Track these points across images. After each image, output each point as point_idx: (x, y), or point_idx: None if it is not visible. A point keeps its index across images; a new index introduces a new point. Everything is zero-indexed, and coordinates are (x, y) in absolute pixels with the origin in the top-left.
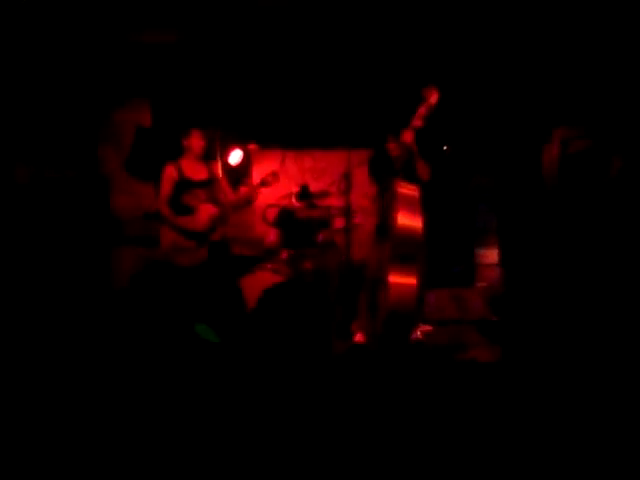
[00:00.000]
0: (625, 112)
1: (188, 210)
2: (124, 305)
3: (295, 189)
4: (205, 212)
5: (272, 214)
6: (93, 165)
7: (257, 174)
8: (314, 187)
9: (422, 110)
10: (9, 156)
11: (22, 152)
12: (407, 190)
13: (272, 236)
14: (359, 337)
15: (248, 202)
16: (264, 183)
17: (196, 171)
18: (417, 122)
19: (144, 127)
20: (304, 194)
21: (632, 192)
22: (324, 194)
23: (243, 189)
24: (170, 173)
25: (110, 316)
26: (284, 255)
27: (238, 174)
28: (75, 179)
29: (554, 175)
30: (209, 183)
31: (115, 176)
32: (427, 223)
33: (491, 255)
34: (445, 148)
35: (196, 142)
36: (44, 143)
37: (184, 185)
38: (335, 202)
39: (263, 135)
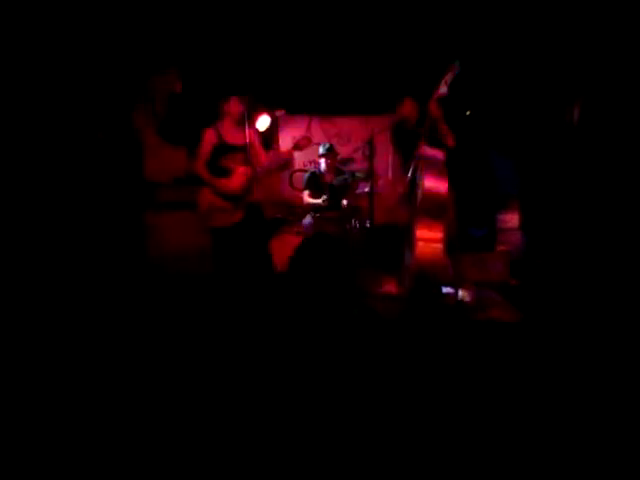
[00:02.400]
0: None
1: (225, 172)
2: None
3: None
4: (241, 174)
5: (299, 179)
6: (128, 131)
7: (284, 139)
8: (340, 153)
9: (447, 78)
10: (48, 122)
11: (59, 118)
12: (432, 153)
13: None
14: (391, 287)
15: (285, 166)
16: (297, 147)
17: (234, 135)
18: (442, 90)
19: (176, 94)
20: (330, 151)
21: None
22: (349, 160)
23: (274, 153)
24: (210, 136)
25: (148, 283)
26: (310, 218)
27: (266, 139)
28: (108, 143)
29: (575, 140)
30: (245, 147)
31: (148, 142)
32: (450, 187)
33: (512, 220)
34: (468, 113)
35: (235, 108)
36: (79, 111)
37: (222, 149)
38: (359, 167)
39: (290, 102)
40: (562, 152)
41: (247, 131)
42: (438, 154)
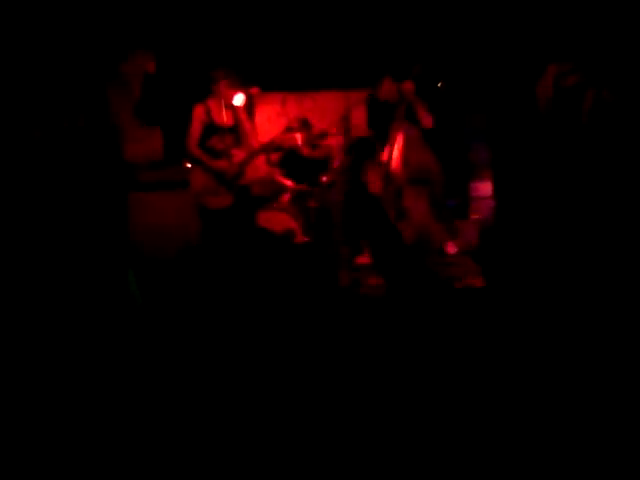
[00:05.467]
0: (617, 46)
1: (215, 154)
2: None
3: (294, 125)
4: (236, 157)
5: (276, 156)
6: (104, 115)
7: (260, 117)
8: (315, 128)
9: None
10: (23, 112)
11: (35, 109)
12: (409, 130)
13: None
14: (364, 259)
15: (279, 148)
16: (290, 129)
17: (222, 116)
18: (417, 70)
19: (150, 74)
20: (305, 125)
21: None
22: (325, 134)
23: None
24: (199, 114)
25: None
26: (288, 195)
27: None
28: (86, 129)
29: (548, 109)
30: (235, 128)
31: (125, 124)
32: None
33: (485, 188)
34: (440, 84)
35: (225, 88)
36: (55, 99)
37: (211, 128)
38: (335, 142)
39: (264, 78)
40: (534, 122)
41: (239, 111)
42: (414, 131)
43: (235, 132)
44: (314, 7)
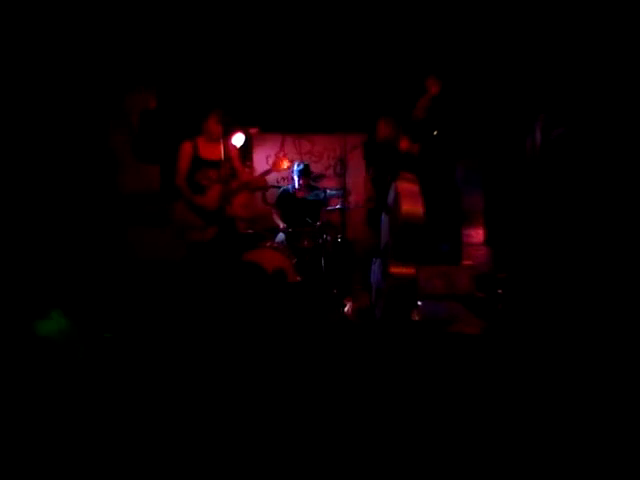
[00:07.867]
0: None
1: (199, 189)
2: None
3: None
4: (215, 192)
5: (272, 195)
6: (103, 149)
7: (258, 156)
8: (312, 170)
9: (423, 101)
10: (28, 141)
11: (39, 139)
12: (409, 180)
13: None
14: (348, 310)
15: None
16: (268, 172)
17: (210, 151)
18: (418, 113)
19: (150, 110)
20: (305, 172)
21: (609, 175)
22: (321, 176)
23: (252, 174)
24: (187, 149)
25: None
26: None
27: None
28: (85, 161)
29: (536, 159)
30: (219, 163)
31: (124, 159)
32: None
33: (477, 235)
34: (435, 133)
35: (213, 126)
36: (57, 130)
37: (197, 164)
38: (331, 184)
39: (264, 120)
40: (525, 172)
41: (224, 148)
42: (414, 181)
43: (221, 168)
44: (318, 53)
